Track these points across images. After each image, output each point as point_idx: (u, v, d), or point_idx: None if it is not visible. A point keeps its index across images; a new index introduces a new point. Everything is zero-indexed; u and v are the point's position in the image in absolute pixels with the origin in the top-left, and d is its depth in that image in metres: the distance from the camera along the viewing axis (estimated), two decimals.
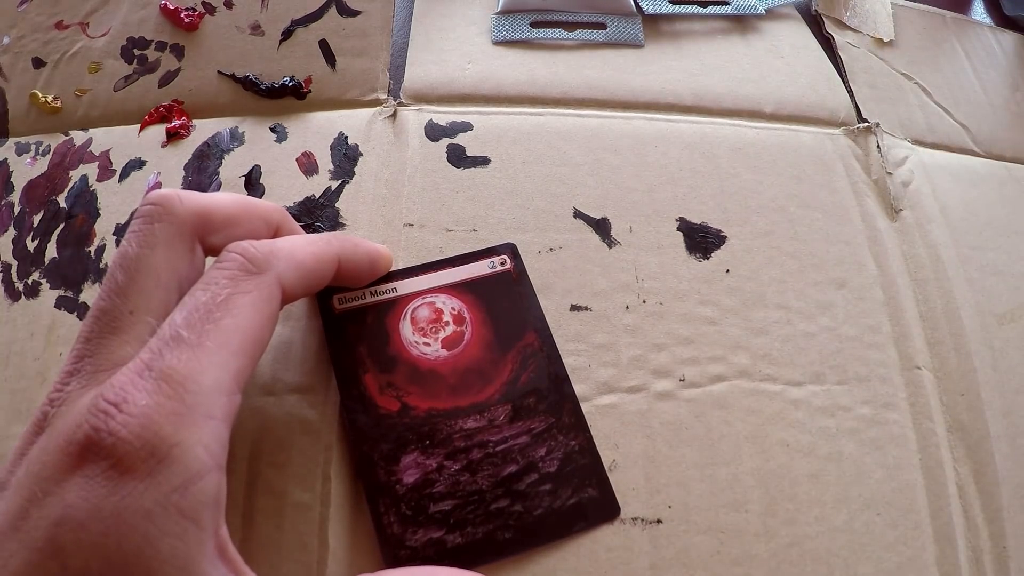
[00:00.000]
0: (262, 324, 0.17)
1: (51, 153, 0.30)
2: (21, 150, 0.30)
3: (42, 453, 0.15)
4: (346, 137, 0.29)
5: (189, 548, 0.15)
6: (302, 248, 0.19)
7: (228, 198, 0.20)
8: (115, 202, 0.28)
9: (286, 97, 0.30)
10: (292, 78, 0.30)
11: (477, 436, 0.22)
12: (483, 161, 0.28)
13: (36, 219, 0.28)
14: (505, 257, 0.25)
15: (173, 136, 0.29)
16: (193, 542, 0.15)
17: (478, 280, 0.25)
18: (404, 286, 0.24)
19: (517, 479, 0.21)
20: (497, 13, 0.33)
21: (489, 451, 0.22)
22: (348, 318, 0.23)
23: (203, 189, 0.28)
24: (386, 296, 0.24)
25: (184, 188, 0.28)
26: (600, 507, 0.21)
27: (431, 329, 0.23)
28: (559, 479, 0.21)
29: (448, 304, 0.24)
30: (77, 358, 0.17)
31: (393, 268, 0.25)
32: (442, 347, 0.23)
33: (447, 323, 0.24)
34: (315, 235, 0.21)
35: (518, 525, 0.21)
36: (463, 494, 0.21)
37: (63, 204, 0.28)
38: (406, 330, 0.23)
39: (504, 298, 0.24)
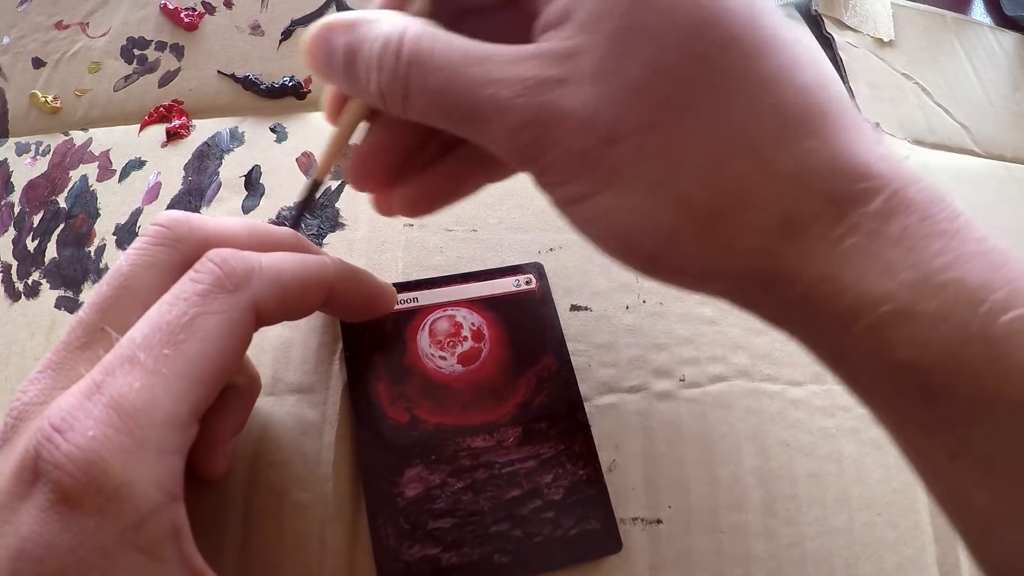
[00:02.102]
0: (229, 350, 0.16)
1: (51, 153, 0.30)
2: (21, 150, 0.30)
3: (0, 477, 0.15)
4: None
5: None
6: (289, 270, 0.18)
7: (241, 229, 0.19)
8: (115, 202, 0.28)
9: (286, 97, 0.30)
10: (292, 78, 0.30)
11: (484, 456, 0.22)
12: None
13: (36, 219, 0.28)
14: (531, 276, 0.25)
15: (173, 136, 0.29)
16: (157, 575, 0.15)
17: (501, 297, 0.24)
18: (425, 297, 0.24)
19: (520, 504, 0.21)
20: None
21: (494, 472, 0.21)
22: (366, 323, 0.23)
23: (203, 189, 0.28)
24: (407, 305, 0.24)
25: (184, 188, 0.28)
26: (602, 541, 0.21)
27: (449, 343, 0.23)
28: (563, 508, 0.21)
29: (468, 319, 0.24)
30: (43, 367, 0.16)
31: (396, 271, 0.25)
32: (458, 362, 0.23)
33: (465, 338, 0.23)
34: (311, 257, 0.19)
35: (516, 550, 0.20)
36: (463, 513, 0.21)
37: (63, 204, 0.28)
38: (423, 342, 0.23)
39: (525, 318, 0.24)
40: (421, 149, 0.20)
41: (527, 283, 0.25)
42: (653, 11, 0.13)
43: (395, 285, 0.23)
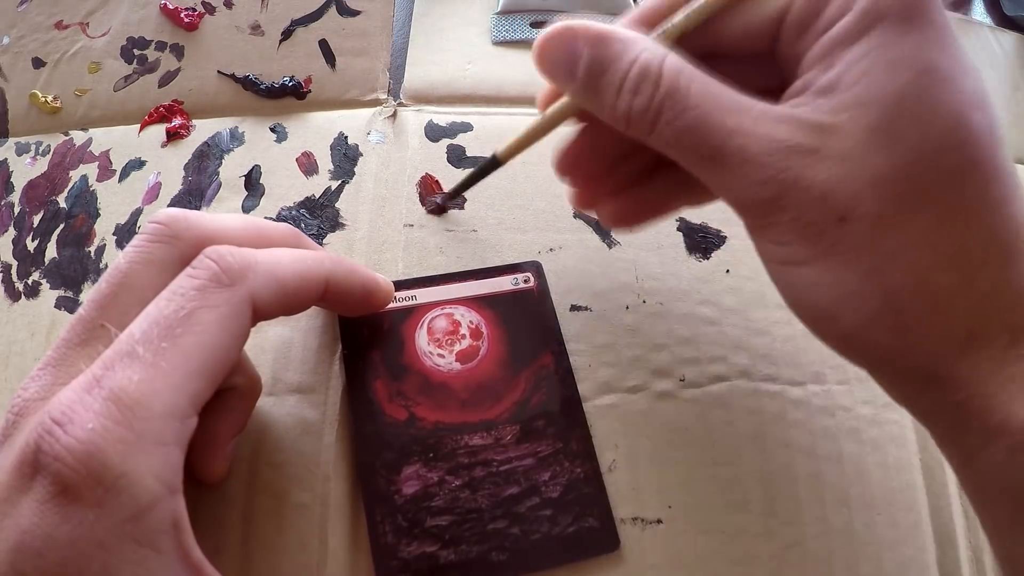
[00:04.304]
0: (227, 343, 0.16)
1: (51, 153, 0.30)
2: (21, 150, 0.30)
3: (0, 472, 0.15)
4: (346, 137, 0.29)
5: (152, 574, 0.15)
6: (286, 265, 0.18)
7: (239, 224, 0.19)
8: (115, 202, 0.28)
9: (286, 97, 0.30)
10: (292, 78, 0.30)
11: (482, 454, 0.22)
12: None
13: (36, 219, 0.28)
14: (529, 275, 0.25)
15: (173, 136, 0.29)
16: (155, 568, 0.15)
17: (499, 296, 0.24)
18: (424, 295, 0.24)
19: (517, 501, 0.21)
20: (497, 13, 0.33)
21: (492, 470, 0.21)
22: (364, 321, 0.23)
23: (203, 189, 0.28)
24: (405, 303, 0.24)
25: (184, 188, 0.28)
26: (599, 539, 0.21)
27: (447, 341, 0.23)
28: (560, 506, 0.21)
29: (467, 317, 0.24)
30: (43, 364, 0.16)
31: (396, 271, 0.25)
32: (456, 360, 0.23)
33: (463, 336, 0.23)
34: (307, 252, 0.19)
35: (513, 548, 0.20)
36: (461, 511, 0.21)
37: (63, 204, 0.28)
38: (422, 340, 0.23)
39: (524, 316, 0.24)
40: (627, 158, 0.21)
41: (525, 281, 0.25)
42: (915, 117, 0.14)
43: (393, 283, 0.23)
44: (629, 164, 0.21)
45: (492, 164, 0.23)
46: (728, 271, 0.26)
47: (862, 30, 0.15)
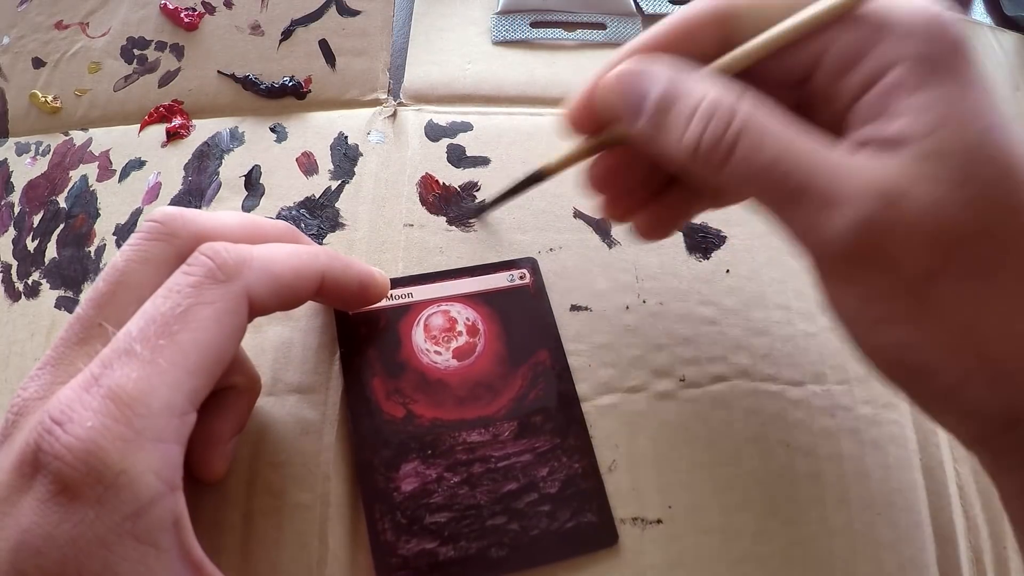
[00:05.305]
0: (224, 339, 0.16)
1: (51, 153, 0.30)
2: (21, 150, 0.30)
3: (0, 471, 0.15)
4: (346, 137, 0.29)
5: (152, 572, 0.15)
6: (281, 260, 0.18)
7: (235, 222, 0.19)
8: (115, 202, 0.28)
9: (286, 97, 0.30)
10: (292, 78, 0.30)
11: (480, 450, 0.22)
12: (483, 161, 0.28)
13: (36, 219, 0.28)
14: (525, 271, 0.25)
15: (173, 136, 0.29)
16: (156, 565, 0.15)
17: (495, 292, 0.24)
18: (420, 292, 0.24)
19: (516, 497, 0.21)
20: (497, 13, 0.33)
21: (490, 466, 0.21)
22: (361, 319, 0.23)
23: (203, 189, 0.28)
24: (401, 301, 0.24)
25: (184, 188, 0.28)
26: (598, 534, 0.21)
27: (443, 338, 0.23)
28: (559, 501, 0.21)
29: (463, 314, 0.24)
30: (42, 364, 0.16)
31: (396, 270, 0.25)
32: (453, 357, 0.23)
33: (460, 333, 0.23)
34: (301, 247, 0.19)
35: (513, 544, 0.20)
36: (460, 507, 0.21)
37: (63, 204, 0.28)
38: (418, 337, 0.23)
39: (520, 313, 0.24)
40: (655, 170, 0.21)
41: (521, 278, 0.25)
42: (992, 171, 0.14)
43: (390, 280, 0.23)
44: (656, 176, 0.21)
45: (539, 176, 0.23)
46: (728, 271, 0.26)
47: (920, 80, 0.15)
